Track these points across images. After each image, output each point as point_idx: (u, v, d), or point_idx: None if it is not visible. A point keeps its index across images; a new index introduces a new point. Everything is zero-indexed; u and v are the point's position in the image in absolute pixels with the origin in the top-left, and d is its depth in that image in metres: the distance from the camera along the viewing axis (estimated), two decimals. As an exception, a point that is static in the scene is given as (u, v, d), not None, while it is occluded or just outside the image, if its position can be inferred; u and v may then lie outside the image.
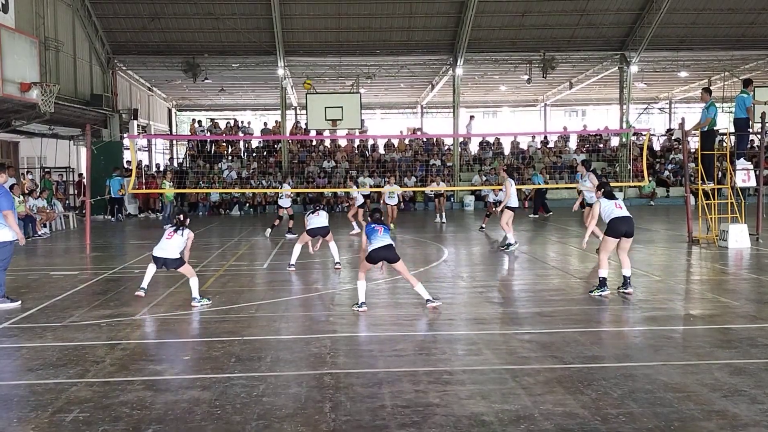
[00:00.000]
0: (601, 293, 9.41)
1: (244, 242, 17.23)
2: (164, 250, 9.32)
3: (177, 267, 9.40)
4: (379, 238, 8.66)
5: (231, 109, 44.42)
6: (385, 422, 4.87)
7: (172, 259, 9.32)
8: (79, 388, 5.69)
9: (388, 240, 8.69)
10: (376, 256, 8.66)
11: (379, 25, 29.61)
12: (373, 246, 8.67)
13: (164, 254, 9.31)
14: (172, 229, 9.52)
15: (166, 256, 9.30)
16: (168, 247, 9.32)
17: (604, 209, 9.70)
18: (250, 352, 6.74)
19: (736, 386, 5.55)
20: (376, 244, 8.65)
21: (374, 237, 8.69)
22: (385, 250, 8.63)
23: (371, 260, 8.72)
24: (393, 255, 8.70)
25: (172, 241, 9.37)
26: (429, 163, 32.64)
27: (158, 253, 9.37)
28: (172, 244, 9.35)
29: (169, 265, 9.39)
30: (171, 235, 9.41)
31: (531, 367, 6.14)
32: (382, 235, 8.68)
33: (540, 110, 45.78)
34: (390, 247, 8.67)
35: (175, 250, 9.34)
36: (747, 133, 15.63)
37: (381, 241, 8.64)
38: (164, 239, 9.40)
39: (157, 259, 9.40)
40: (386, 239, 8.67)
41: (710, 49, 31.74)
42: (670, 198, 31.49)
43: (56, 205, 22.41)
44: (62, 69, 26.07)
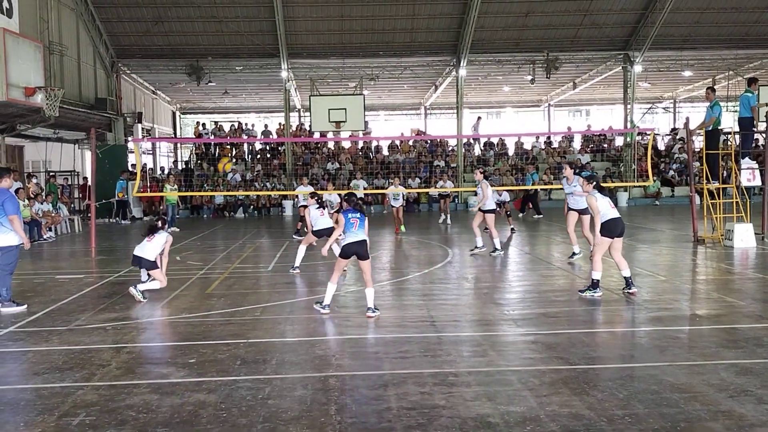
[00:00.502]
0: (593, 294, 9.38)
1: (249, 244, 17.25)
2: (142, 250, 10.10)
3: (149, 269, 10.15)
4: (353, 233, 8.71)
5: (235, 112, 44.51)
6: (391, 424, 4.87)
7: (146, 260, 10.07)
8: (85, 392, 5.71)
9: (363, 236, 8.73)
10: (348, 250, 8.72)
11: (382, 27, 29.64)
12: (346, 240, 8.73)
13: (141, 253, 10.10)
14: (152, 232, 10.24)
15: (142, 255, 10.08)
16: (146, 249, 10.10)
17: (601, 205, 9.61)
18: (255, 355, 6.74)
19: (742, 386, 5.54)
20: (349, 239, 8.70)
21: (349, 231, 8.72)
22: (357, 245, 8.69)
23: (344, 255, 8.79)
24: (364, 252, 8.75)
25: (152, 243, 10.12)
26: (433, 165, 32.64)
27: (137, 252, 10.17)
28: (151, 247, 10.11)
29: (143, 264, 10.15)
30: (151, 238, 10.15)
31: (536, 369, 6.13)
32: (357, 230, 8.72)
33: (544, 110, 45.77)
34: (363, 243, 8.72)
35: (151, 253, 10.10)
36: (752, 132, 15.60)
37: (355, 236, 8.69)
38: (145, 241, 10.16)
39: (135, 257, 10.18)
40: (360, 234, 8.71)
41: (714, 48, 31.70)
42: (675, 197, 31.43)
43: (61, 208, 22.47)
44: (66, 73, 26.17)
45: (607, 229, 9.51)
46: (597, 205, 9.60)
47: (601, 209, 9.56)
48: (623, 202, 30.81)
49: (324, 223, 11.96)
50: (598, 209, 9.59)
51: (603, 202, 9.63)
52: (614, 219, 9.53)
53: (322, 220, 11.96)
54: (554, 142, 35.87)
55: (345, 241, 8.75)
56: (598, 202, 9.60)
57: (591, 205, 9.72)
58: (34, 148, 31.17)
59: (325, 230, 11.87)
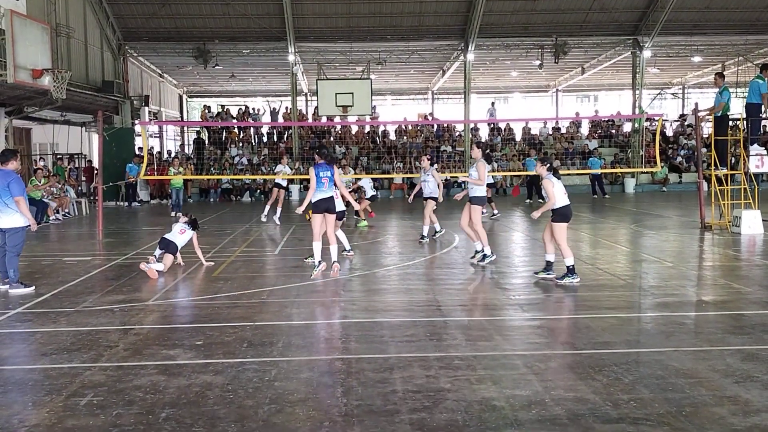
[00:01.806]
0: (572, 280, 9.31)
1: (255, 228, 17.28)
2: (174, 237, 10.83)
3: (174, 253, 10.74)
4: (323, 190, 9.40)
5: (242, 95, 44.44)
6: (397, 407, 4.89)
7: (176, 245, 10.77)
8: (93, 373, 5.75)
9: (331, 192, 9.48)
10: (319, 206, 9.43)
11: (390, 11, 29.47)
12: (316, 197, 9.43)
13: (172, 239, 10.79)
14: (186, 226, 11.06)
15: (174, 240, 10.78)
16: (177, 237, 10.86)
17: (558, 190, 9.47)
18: (261, 338, 6.77)
19: (748, 372, 5.53)
20: (319, 195, 9.42)
21: (320, 188, 9.44)
22: (326, 201, 9.44)
23: (316, 211, 9.45)
24: (333, 207, 9.55)
25: (183, 235, 10.94)
26: (440, 149, 32.56)
27: (168, 236, 10.86)
28: (182, 238, 10.91)
29: (171, 249, 10.70)
30: (184, 231, 10.96)
31: (542, 353, 6.14)
32: (327, 188, 9.41)
33: (552, 96, 45.55)
34: (331, 199, 9.46)
35: (181, 242, 10.90)
36: (761, 119, 15.48)
37: (324, 193, 9.42)
38: (177, 232, 10.89)
39: (164, 240, 10.82)
40: (330, 192, 9.44)
41: (724, 33, 31.41)
42: (682, 184, 31.29)
43: (69, 191, 22.54)
44: (74, 55, 26.16)
45: (564, 215, 9.45)
46: (553, 191, 9.43)
47: (557, 194, 9.45)
48: (630, 188, 30.72)
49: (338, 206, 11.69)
50: (552, 193, 9.43)
51: (559, 187, 9.53)
52: (568, 205, 9.51)
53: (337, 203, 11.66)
54: (562, 127, 35.70)
55: (315, 197, 9.44)
56: (555, 188, 9.45)
57: (548, 189, 9.50)
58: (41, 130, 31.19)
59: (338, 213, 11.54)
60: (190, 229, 11.11)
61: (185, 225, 11.12)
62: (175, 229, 11.00)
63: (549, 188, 9.43)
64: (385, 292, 9.07)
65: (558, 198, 9.38)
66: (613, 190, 30.02)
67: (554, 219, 9.45)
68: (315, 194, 9.26)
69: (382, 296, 8.83)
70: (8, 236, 9.34)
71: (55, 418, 4.78)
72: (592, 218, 19.01)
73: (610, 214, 20.04)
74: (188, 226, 11.13)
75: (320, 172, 9.34)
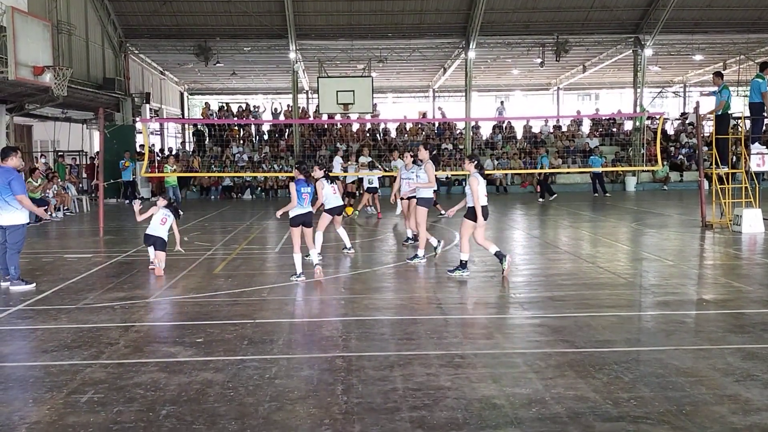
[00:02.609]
0: (462, 273, 9.70)
1: (256, 226, 17.28)
2: (156, 231, 10.54)
3: (162, 249, 10.47)
4: (303, 207, 9.63)
5: (243, 93, 44.41)
6: (397, 405, 4.90)
7: (162, 239, 10.52)
8: (93, 370, 5.75)
9: (309, 208, 9.73)
10: (297, 220, 9.65)
11: (391, 8, 29.44)
12: (296, 212, 9.63)
13: (156, 233, 10.52)
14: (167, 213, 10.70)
15: (158, 234, 10.51)
16: (160, 230, 10.57)
17: (482, 189, 9.62)
18: (262, 335, 6.77)
19: (748, 371, 5.53)
20: (298, 210, 9.63)
21: (300, 204, 9.61)
22: (304, 216, 9.68)
23: (294, 224, 9.65)
24: (310, 221, 9.79)
25: (165, 225, 10.64)
26: (441, 147, 32.53)
27: (150, 231, 10.56)
28: (165, 227, 10.63)
29: (158, 245, 10.47)
30: (165, 220, 10.63)
31: (542, 351, 6.14)
32: (307, 204, 9.66)
33: (553, 94, 45.49)
34: (309, 214, 9.74)
35: (165, 232, 10.63)
36: (762, 117, 15.47)
37: (303, 209, 9.64)
38: (158, 224, 10.57)
39: (149, 237, 10.54)
40: (308, 207, 9.70)
41: (725, 32, 31.36)
42: (683, 182, 31.26)
43: (69, 188, 22.55)
44: (75, 52, 26.15)
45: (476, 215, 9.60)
46: (478, 189, 9.53)
47: (481, 193, 9.60)
48: (631, 186, 30.71)
49: (336, 201, 11.65)
50: (476, 191, 9.52)
51: (483, 186, 9.67)
52: (486, 206, 9.71)
53: (334, 198, 11.63)
54: (563, 125, 35.67)
55: (294, 212, 9.64)
56: (480, 186, 9.57)
57: (473, 187, 9.56)
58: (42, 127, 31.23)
59: (336, 208, 11.64)
60: (171, 216, 10.75)
61: (165, 212, 10.68)
62: (155, 221, 10.59)
63: (474, 186, 9.57)
64: (385, 290, 9.07)
65: (480, 198, 9.59)
66: (614, 189, 30.01)
67: (467, 215, 9.70)
68: (294, 209, 9.57)
69: (382, 294, 8.83)
70: (9, 233, 9.35)
71: (55, 415, 4.78)
72: (593, 217, 19.00)
73: (611, 212, 20.04)
74: (169, 213, 10.75)
75: (301, 189, 9.60)
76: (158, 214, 10.64)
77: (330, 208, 11.56)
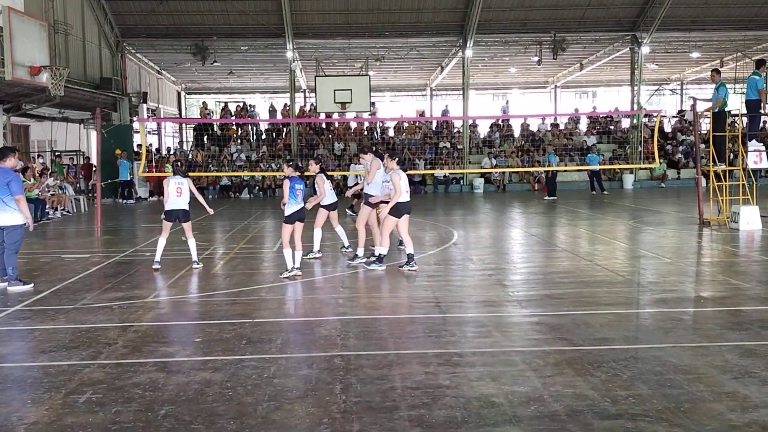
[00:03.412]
0: (377, 267, 10.07)
1: (254, 225, 17.27)
2: (176, 203, 10.49)
3: (186, 220, 10.58)
4: (298, 202, 9.66)
5: (240, 92, 44.37)
6: (396, 403, 4.90)
7: (184, 210, 10.55)
8: (91, 370, 5.75)
9: (302, 204, 9.77)
10: (292, 217, 9.65)
11: (388, 7, 29.43)
12: (291, 209, 9.64)
13: (177, 206, 10.50)
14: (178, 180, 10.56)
15: (179, 207, 10.52)
16: (180, 201, 10.51)
17: (404, 184, 9.90)
18: (260, 335, 6.77)
19: (746, 368, 5.54)
20: (294, 207, 9.65)
21: (294, 200, 9.65)
22: (299, 213, 9.70)
23: (289, 221, 9.67)
24: (303, 217, 9.81)
25: (183, 195, 10.54)
26: (438, 146, 32.55)
27: (170, 206, 10.52)
28: (183, 198, 10.54)
29: (182, 217, 10.54)
30: (180, 190, 10.51)
31: (541, 349, 6.15)
32: (300, 200, 9.69)
33: (550, 92, 45.48)
34: (302, 209, 9.77)
35: (185, 202, 10.57)
36: (759, 115, 15.49)
37: (298, 205, 9.68)
38: (174, 196, 10.47)
39: (171, 212, 10.53)
40: (302, 203, 9.75)
41: (723, 29, 31.37)
42: (681, 180, 31.33)
43: (67, 188, 22.51)
44: (71, 52, 26.11)
45: (398, 210, 9.87)
46: (401, 184, 9.83)
47: (403, 189, 9.87)
48: (629, 184, 30.73)
49: (332, 197, 11.61)
50: (399, 187, 9.81)
51: (405, 182, 9.93)
52: (408, 202, 9.97)
53: (331, 194, 11.57)
54: (561, 123, 35.68)
55: (290, 209, 9.62)
56: (402, 181, 9.85)
57: (395, 183, 9.83)
58: (39, 127, 31.18)
59: (333, 204, 11.59)
60: (184, 181, 10.58)
61: (177, 181, 10.51)
62: (171, 195, 10.46)
63: (396, 182, 9.83)
64: (383, 289, 9.07)
65: (402, 193, 9.84)
66: (611, 186, 30.02)
67: (390, 211, 9.87)
68: (290, 205, 9.58)
69: (380, 293, 8.84)
70: (6, 234, 9.34)
71: (54, 416, 4.78)
72: (591, 214, 19.02)
73: (609, 210, 20.05)
74: (181, 180, 10.57)
75: (295, 185, 9.63)
76: (172, 186, 10.51)
77: (327, 204, 11.52)
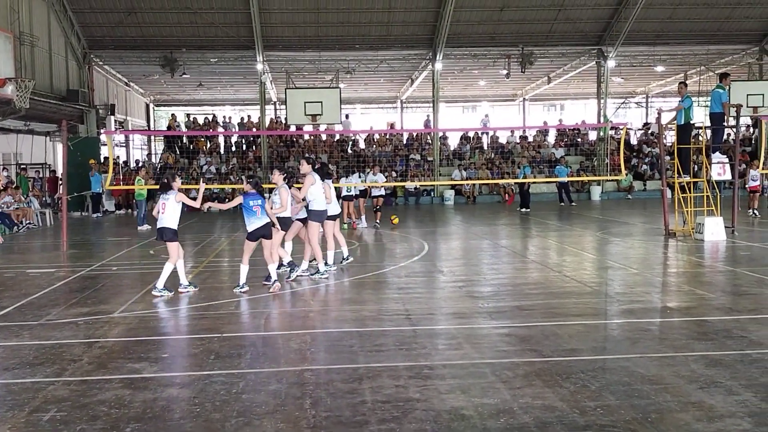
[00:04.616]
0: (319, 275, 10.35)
1: (224, 238, 17.14)
2: (163, 222, 9.61)
3: (170, 239, 9.57)
4: (258, 218, 9.40)
5: (210, 104, 44.14)
6: (366, 417, 4.88)
7: (170, 229, 9.59)
8: (56, 387, 5.64)
9: (266, 219, 9.44)
10: (256, 234, 9.47)
11: (358, 20, 29.54)
12: (253, 226, 9.45)
13: (162, 224, 9.59)
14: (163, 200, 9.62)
15: (165, 225, 9.58)
16: (166, 218, 9.60)
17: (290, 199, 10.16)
18: (229, 349, 6.71)
19: (712, 378, 5.62)
20: (255, 224, 9.44)
21: (252, 217, 9.41)
22: (263, 229, 9.46)
23: (252, 238, 9.50)
24: (269, 233, 9.56)
25: (167, 212, 9.59)
26: (408, 158, 32.65)
27: (160, 224, 9.66)
28: (168, 215, 9.60)
29: (166, 236, 9.59)
30: (164, 205, 9.59)
31: (510, 361, 6.17)
32: (260, 215, 9.39)
33: (519, 105, 45.95)
34: (267, 225, 9.47)
35: (173, 221, 9.62)
36: (722, 127, 15.79)
37: (259, 221, 9.43)
38: (159, 211, 9.62)
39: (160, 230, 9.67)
40: (264, 218, 9.41)
41: (686, 43, 32.03)
42: (647, 191, 31.80)
43: (32, 202, 22.15)
44: (37, 64, 25.76)
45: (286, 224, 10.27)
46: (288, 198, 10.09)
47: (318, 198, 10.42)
48: (596, 195, 31.10)
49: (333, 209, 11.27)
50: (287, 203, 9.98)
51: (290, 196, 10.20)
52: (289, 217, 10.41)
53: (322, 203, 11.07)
54: (529, 136, 36.04)
55: (251, 226, 9.43)
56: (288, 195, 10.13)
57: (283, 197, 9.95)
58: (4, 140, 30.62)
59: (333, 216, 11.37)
60: (170, 194, 9.61)
61: (163, 198, 9.61)
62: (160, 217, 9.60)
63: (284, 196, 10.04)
64: (354, 302, 9.05)
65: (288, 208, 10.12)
66: (579, 198, 30.37)
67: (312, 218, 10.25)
68: (250, 223, 9.41)
69: (351, 306, 8.80)
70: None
71: (16, 435, 4.68)
72: (559, 226, 19.20)
73: (577, 221, 20.26)
74: (166, 196, 9.61)
75: (250, 201, 9.43)
76: (157, 205, 9.73)
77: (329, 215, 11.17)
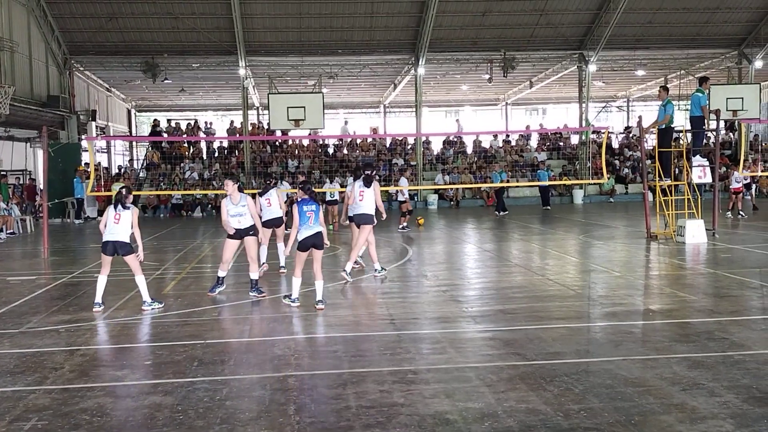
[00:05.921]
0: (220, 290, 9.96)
1: (207, 244, 17.06)
2: (113, 234, 8.85)
3: (127, 254, 8.87)
4: (309, 226, 8.83)
5: (192, 110, 43.95)
6: (350, 423, 4.87)
7: (122, 242, 8.84)
8: (37, 396, 5.58)
9: (318, 227, 8.87)
10: (306, 243, 8.84)
11: (341, 25, 29.57)
12: (303, 234, 8.84)
13: (113, 237, 8.84)
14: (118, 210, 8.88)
15: (116, 239, 8.83)
16: (117, 231, 8.85)
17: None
18: (212, 356, 6.67)
19: (694, 379, 5.66)
20: (306, 232, 8.83)
21: (305, 224, 8.83)
22: (314, 238, 8.85)
23: (302, 248, 8.88)
24: (321, 243, 8.92)
25: (120, 223, 8.86)
26: (392, 162, 32.67)
27: (108, 237, 8.89)
28: (121, 227, 8.86)
29: (120, 251, 8.84)
30: (118, 217, 8.86)
31: (494, 365, 6.18)
32: (313, 223, 8.85)
33: (501, 109, 46.15)
34: (319, 234, 8.87)
35: (124, 233, 8.88)
36: (702, 131, 15.94)
37: (311, 230, 8.83)
38: (111, 224, 8.86)
39: (107, 244, 8.88)
40: (316, 227, 8.85)
41: (666, 48, 32.39)
42: (629, 195, 32.04)
43: (13, 209, 21.91)
44: (17, 70, 25.54)
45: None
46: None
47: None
48: (579, 199, 31.29)
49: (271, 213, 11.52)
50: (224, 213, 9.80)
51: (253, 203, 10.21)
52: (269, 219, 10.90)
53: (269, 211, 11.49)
54: (512, 140, 36.20)
55: (301, 235, 8.81)
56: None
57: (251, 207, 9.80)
58: (-17, 146, 30.37)
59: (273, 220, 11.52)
60: (124, 208, 8.89)
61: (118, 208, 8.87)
62: (109, 223, 8.89)
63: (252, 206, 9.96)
64: (338, 307, 9.02)
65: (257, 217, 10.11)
66: (561, 202, 30.56)
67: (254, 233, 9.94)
68: (301, 231, 8.82)
69: (335, 311, 8.78)
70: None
71: (-4, 445, 4.63)
72: (542, 229, 19.29)
73: (560, 225, 20.36)
74: (121, 208, 8.88)
75: (304, 207, 8.87)
76: (110, 213, 8.97)
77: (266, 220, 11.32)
